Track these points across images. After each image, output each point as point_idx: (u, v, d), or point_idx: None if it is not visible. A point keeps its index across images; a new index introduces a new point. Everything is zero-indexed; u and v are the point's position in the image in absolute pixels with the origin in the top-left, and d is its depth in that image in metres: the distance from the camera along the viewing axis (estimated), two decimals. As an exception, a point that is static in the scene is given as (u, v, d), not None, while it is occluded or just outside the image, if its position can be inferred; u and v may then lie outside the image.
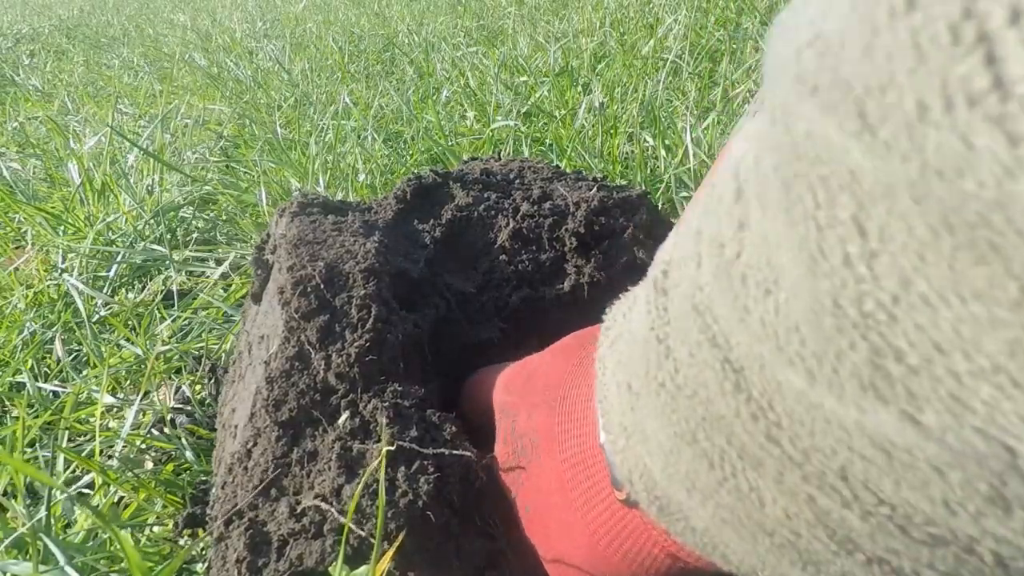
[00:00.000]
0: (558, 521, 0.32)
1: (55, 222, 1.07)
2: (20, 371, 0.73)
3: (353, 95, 1.63)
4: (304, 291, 0.44)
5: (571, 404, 0.32)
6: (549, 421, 0.33)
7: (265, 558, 0.37)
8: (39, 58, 3.05)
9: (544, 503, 0.33)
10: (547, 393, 0.34)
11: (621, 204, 0.56)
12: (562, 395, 0.33)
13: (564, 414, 0.32)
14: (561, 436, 0.32)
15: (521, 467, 0.35)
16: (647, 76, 1.38)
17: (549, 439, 0.33)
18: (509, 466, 0.36)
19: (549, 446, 0.32)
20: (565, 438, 0.32)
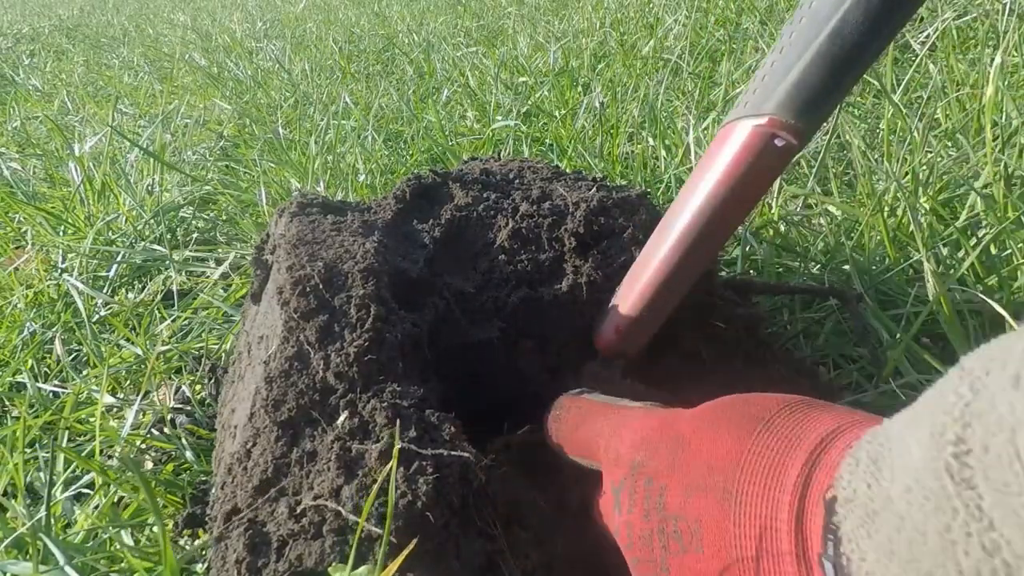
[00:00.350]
0: None
1: (55, 222, 1.07)
2: (20, 371, 0.73)
3: (353, 95, 1.63)
4: (303, 291, 0.44)
5: (753, 510, 0.29)
6: (720, 516, 0.30)
7: (264, 558, 0.37)
8: (39, 58, 3.05)
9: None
10: (712, 478, 0.31)
11: (620, 204, 0.56)
12: (736, 489, 0.30)
13: (743, 518, 0.29)
14: (741, 544, 0.29)
15: (669, 551, 0.32)
16: (647, 76, 1.38)
17: (719, 537, 0.30)
18: (648, 544, 0.33)
19: (717, 544, 0.30)
20: (743, 551, 0.28)
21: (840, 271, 0.71)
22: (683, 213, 0.44)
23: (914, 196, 0.75)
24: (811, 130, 0.39)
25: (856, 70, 0.37)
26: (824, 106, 0.38)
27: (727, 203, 0.42)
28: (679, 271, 0.45)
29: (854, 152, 0.87)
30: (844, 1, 0.36)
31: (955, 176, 0.78)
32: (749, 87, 0.41)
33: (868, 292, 0.65)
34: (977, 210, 0.72)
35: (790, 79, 0.38)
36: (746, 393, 0.35)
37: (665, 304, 0.46)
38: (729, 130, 0.41)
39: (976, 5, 1.26)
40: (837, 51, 0.36)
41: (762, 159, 0.40)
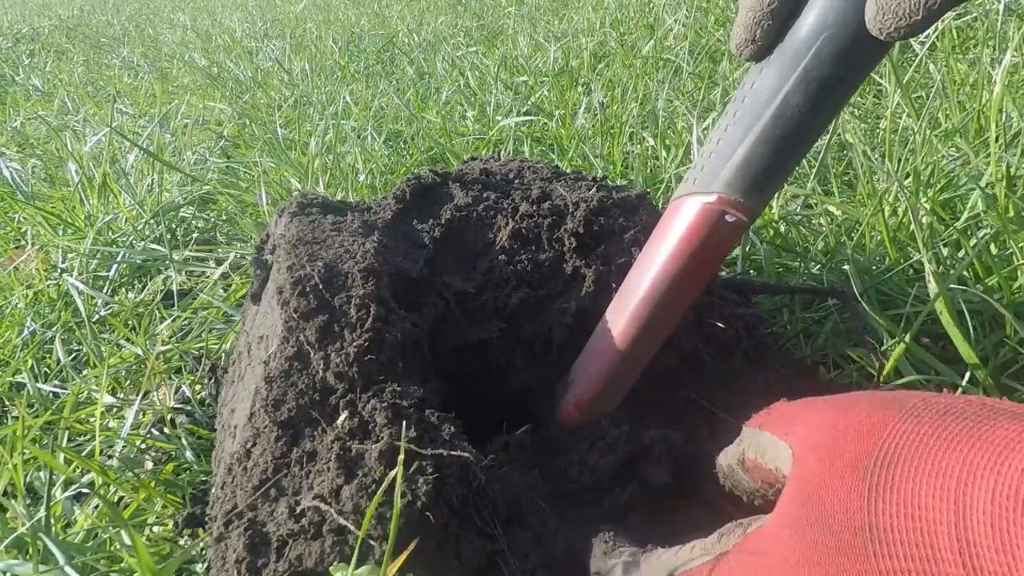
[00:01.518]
0: None
1: (55, 222, 1.07)
2: (20, 371, 0.73)
3: (353, 95, 1.63)
4: (303, 291, 0.44)
5: None
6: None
7: (264, 558, 0.37)
8: (39, 58, 3.05)
9: None
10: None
11: (620, 204, 0.56)
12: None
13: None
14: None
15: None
16: (647, 76, 1.38)
17: None
18: None
19: None
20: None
21: (840, 271, 0.71)
22: (638, 289, 0.44)
23: (915, 196, 0.75)
24: (759, 207, 0.40)
25: (799, 150, 0.38)
26: (771, 184, 0.39)
27: (680, 278, 0.42)
28: (637, 345, 0.45)
29: (854, 152, 0.87)
30: (785, 84, 0.36)
31: (956, 176, 0.78)
32: (696, 163, 0.41)
33: (868, 292, 0.65)
34: (978, 210, 0.72)
35: (736, 159, 0.38)
36: (815, 431, 0.29)
37: (625, 378, 0.47)
38: (678, 206, 0.42)
39: (976, 5, 1.26)
40: (781, 132, 0.37)
41: (713, 235, 0.40)
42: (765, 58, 0.37)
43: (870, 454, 0.25)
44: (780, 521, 0.28)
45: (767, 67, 0.37)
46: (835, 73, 0.35)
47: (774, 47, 0.37)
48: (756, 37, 0.36)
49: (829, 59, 0.34)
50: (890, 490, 0.24)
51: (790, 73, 0.36)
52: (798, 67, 0.35)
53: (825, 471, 0.27)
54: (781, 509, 0.29)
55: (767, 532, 0.29)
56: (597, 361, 0.47)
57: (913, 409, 0.26)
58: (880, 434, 0.26)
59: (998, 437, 0.23)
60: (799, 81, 0.35)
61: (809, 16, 0.35)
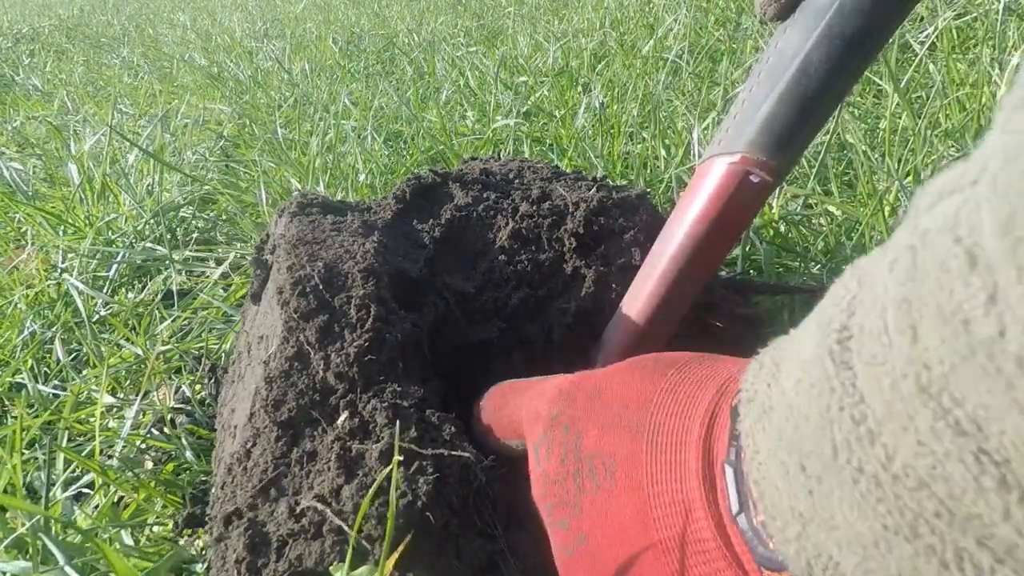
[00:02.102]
0: (627, 561, 0.29)
1: (55, 222, 1.07)
2: (20, 371, 0.73)
3: (353, 95, 1.63)
4: (303, 291, 0.44)
5: (666, 438, 0.29)
6: (633, 448, 0.30)
7: (264, 558, 0.37)
8: (39, 58, 3.05)
9: (612, 535, 0.30)
10: (626, 415, 0.32)
11: (620, 204, 0.56)
12: (650, 422, 0.30)
13: (656, 447, 0.29)
14: (652, 470, 0.29)
15: (584, 491, 0.32)
16: (647, 76, 1.38)
17: (632, 468, 0.30)
18: (562, 486, 0.33)
19: (631, 476, 0.30)
20: (659, 475, 0.29)
21: (840, 271, 0.70)
22: (665, 251, 0.44)
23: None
24: (785, 166, 0.39)
25: (822, 108, 0.38)
26: (794, 143, 0.39)
27: (707, 240, 0.42)
28: (664, 308, 0.45)
29: (854, 152, 0.87)
30: (807, 40, 0.36)
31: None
32: (723, 124, 0.41)
33: (868, 292, 0.65)
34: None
35: (760, 117, 0.38)
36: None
37: (652, 341, 0.47)
38: (707, 167, 0.42)
39: (976, 5, 1.26)
40: (803, 90, 0.37)
41: (738, 196, 0.40)
42: (789, 17, 0.37)
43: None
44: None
45: (791, 26, 0.37)
46: (858, 28, 0.35)
47: (796, 6, 0.37)
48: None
49: (852, 13, 0.34)
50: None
51: (813, 29, 0.36)
52: (820, 23, 0.35)
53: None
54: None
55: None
56: (625, 324, 0.47)
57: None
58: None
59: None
60: (822, 37, 0.35)
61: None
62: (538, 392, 0.39)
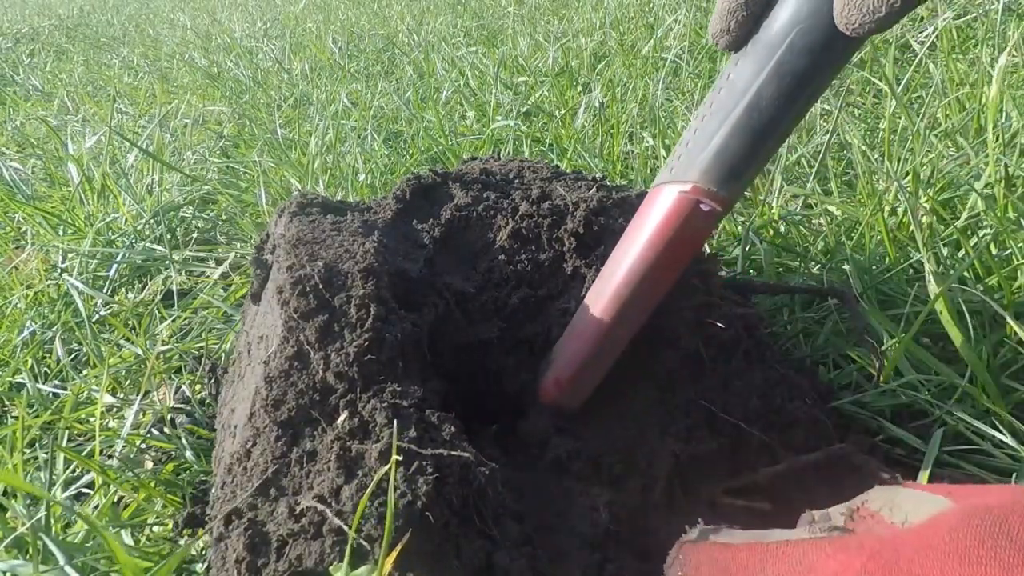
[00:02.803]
0: None
1: (55, 222, 1.07)
2: (20, 371, 0.73)
3: (353, 95, 1.63)
4: (303, 291, 0.44)
5: None
6: None
7: (264, 558, 0.37)
8: (39, 58, 3.05)
9: None
10: None
11: (620, 204, 0.56)
12: None
13: None
14: None
15: None
16: (647, 76, 1.38)
17: None
18: None
19: None
20: None
21: (840, 271, 0.71)
22: (616, 273, 0.45)
23: (914, 196, 0.75)
24: (734, 196, 0.40)
25: (773, 140, 0.38)
26: (745, 174, 0.39)
27: (657, 264, 0.43)
28: (615, 327, 0.46)
29: (854, 152, 0.87)
30: (759, 75, 0.36)
31: (956, 176, 0.78)
32: (675, 151, 0.42)
33: (868, 292, 0.65)
34: (977, 210, 0.72)
35: (711, 148, 0.39)
36: (968, 498, 0.25)
37: (603, 359, 0.48)
38: (656, 194, 0.42)
39: (976, 5, 1.26)
40: (755, 124, 0.37)
41: (688, 224, 0.41)
42: (741, 49, 0.37)
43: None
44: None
45: (743, 58, 0.37)
46: (808, 66, 0.35)
47: (749, 38, 0.37)
48: (730, 28, 0.37)
49: (802, 52, 0.35)
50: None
51: (764, 65, 0.36)
52: (771, 59, 0.36)
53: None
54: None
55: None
56: (577, 341, 0.48)
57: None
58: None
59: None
60: (772, 73, 0.36)
61: (783, 9, 0.35)
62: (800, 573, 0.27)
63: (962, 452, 0.51)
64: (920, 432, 0.53)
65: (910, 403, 0.55)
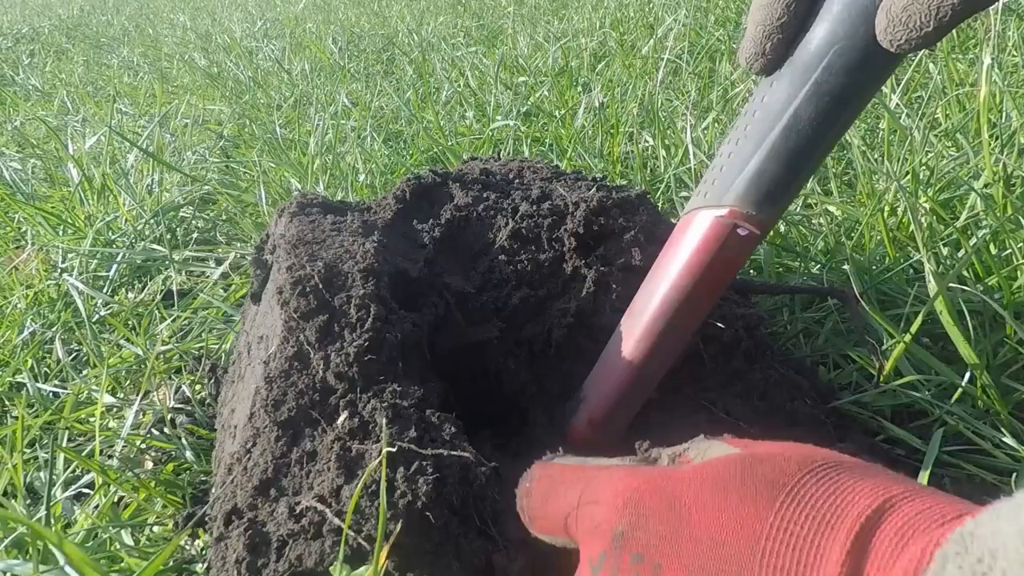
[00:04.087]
0: None
1: (55, 222, 1.07)
2: (20, 371, 0.73)
3: (353, 95, 1.63)
4: (303, 291, 0.44)
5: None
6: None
7: (264, 558, 0.37)
8: (39, 58, 3.05)
9: None
10: (722, 562, 0.26)
11: (620, 204, 0.56)
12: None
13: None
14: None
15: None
16: (647, 76, 1.38)
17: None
18: None
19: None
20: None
21: (840, 271, 0.71)
22: (650, 304, 0.43)
23: (914, 196, 0.75)
24: (773, 220, 0.39)
25: (812, 161, 0.38)
26: (783, 197, 0.38)
27: (693, 292, 0.41)
28: (649, 361, 0.44)
29: (854, 152, 0.87)
30: (796, 97, 0.36)
31: (955, 176, 0.78)
32: (707, 176, 0.41)
33: (868, 292, 0.65)
34: (977, 210, 0.72)
35: (748, 172, 0.38)
36: (753, 448, 0.29)
37: (638, 395, 0.46)
38: (690, 220, 0.41)
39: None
40: (792, 146, 0.36)
41: (726, 249, 0.40)
42: (775, 71, 0.37)
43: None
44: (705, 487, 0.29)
45: (778, 81, 0.36)
46: (846, 86, 0.34)
47: (784, 60, 0.36)
48: (766, 51, 0.36)
49: (840, 72, 0.34)
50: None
51: (801, 86, 0.35)
52: (809, 80, 0.35)
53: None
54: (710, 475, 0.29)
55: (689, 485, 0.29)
56: (609, 378, 0.46)
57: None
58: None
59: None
60: (810, 94, 0.35)
61: (819, 30, 0.34)
62: (595, 492, 0.32)
63: (962, 452, 0.51)
64: (920, 432, 0.53)
65: (910, 403, 0.55)
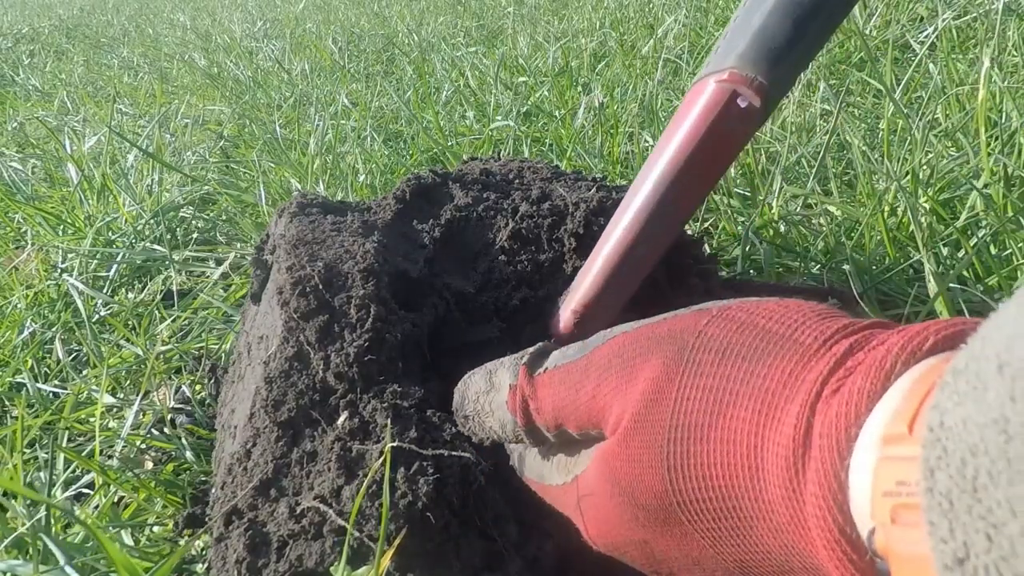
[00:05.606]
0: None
1: (55, 222, 1.07)
2: (20, 371, 0.73)
3: (353, 95, 1.63)
4: (303, 291, 0.44)
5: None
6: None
7: (265, 559, 0.37)
8: (39, 58, 3.05)
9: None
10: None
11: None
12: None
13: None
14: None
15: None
16: (647, 76, 1.38)
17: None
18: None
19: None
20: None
21: (840, 271, 0.71)
22: (644, 182, 0.41)
23: (914, 196, 0.75)
24: (775, 88, 0.37)
25: (816, 21, 0.36)
26: (786, 58, 0.37)
27: (687, 169, 0.39)
28: (638, 244, 0.42)
29: (854, 152, 0.87)
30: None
31: (955, 176, 0.78)
32: (715, 46, 0.39)
33: (868, 292, 0.65)
34: (977, 210, 0.72)
35: (750, 30, 0.36)
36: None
37: (625, 282, 0.44)
38: (695, 90, 0.39)
39: (976, 5, 1.26)
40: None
41: (724, 120, 0.38)
42: None
43: (662, 430, 0.28)
44: (600, 480, 0.32)
45: None
46: None
47: None
48: None
49: None
50: (687, 467, 0.27)
51: None
52: None
53: (624, 454, 0.30)
54: (598, 469, 0.32)
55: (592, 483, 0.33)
56: (598, 262, 0.44)
57: (693, 358, 0.29)
58: (667, 402, 0.28)
59: (770, 385, 0.26)
60: None
61: None
62: (625, 380, 0.31)
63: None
64: (920, 432, 0.53)
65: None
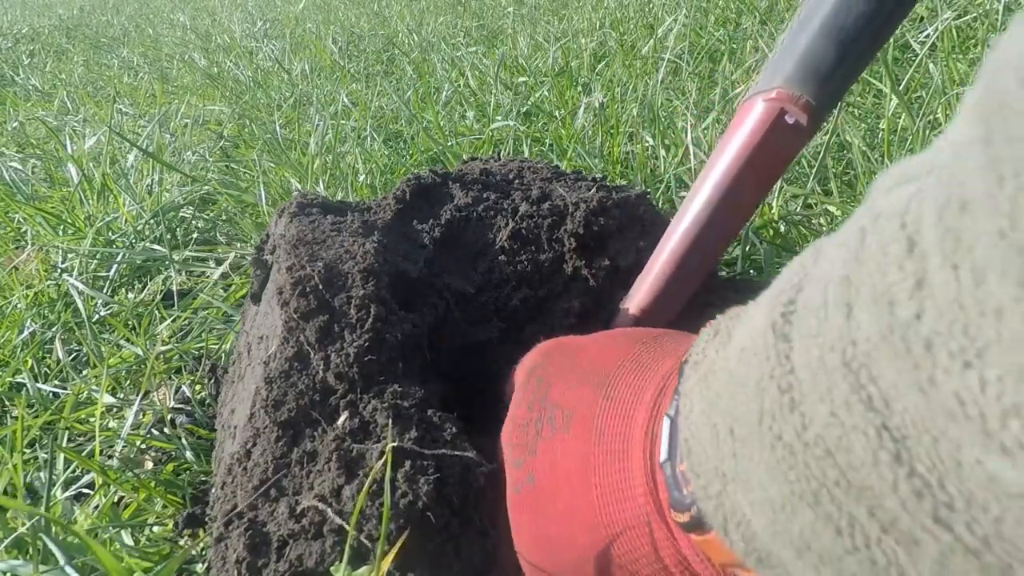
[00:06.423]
0: (567, 503, 0.32)
1: (55, 222, 1.07)
2: (20, 371, 0.73)
3: (353, 95, 1.63)
4: (303, 291, 0.44)
5: (619, 396, 0.33)
6: (591, 401, 0.33)
7: (265, 559, 0.37)
8: (39, 58, 3.05)
9: (556, 479, 0.33)
10: (592, 374, 0.35)
11: (621, 204, 0.56)
12: (611, 381, 0.34)
13: (611, 401, 0.33)
14: (603, 422, 0.32)
15: (541, 436, 0.35)
16: (647, 76, 1.38)
17: (586, 418, 0.33)
18: (524, 430, 0.36)
19: (584, 425, 0.33)
20: (606, 427, 0.32)
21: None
22: (697, 194, 0.44)
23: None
24: (821, 106, 0.39)
25: (861, 44, 0.37)
26: (831, 79, 0.38)
27: (737, 185, 0.42)
28: (692, 254, 0.45)
29: (854, 152, 0.87)
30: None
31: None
32: (764, 67, 0.42)
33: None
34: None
35: (797, 52, 0.38)
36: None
37: (681, 288, 0.47)
38: (743, 109, 0.42)
39: (976, 5, 1.26)
40: (842, 22, 0.37)
41: (772, 136, 0.40)
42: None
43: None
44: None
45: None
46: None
47: None
48: None
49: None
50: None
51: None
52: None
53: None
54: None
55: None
56: (655, 269, 0.47)
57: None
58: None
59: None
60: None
61: None
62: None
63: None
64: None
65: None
